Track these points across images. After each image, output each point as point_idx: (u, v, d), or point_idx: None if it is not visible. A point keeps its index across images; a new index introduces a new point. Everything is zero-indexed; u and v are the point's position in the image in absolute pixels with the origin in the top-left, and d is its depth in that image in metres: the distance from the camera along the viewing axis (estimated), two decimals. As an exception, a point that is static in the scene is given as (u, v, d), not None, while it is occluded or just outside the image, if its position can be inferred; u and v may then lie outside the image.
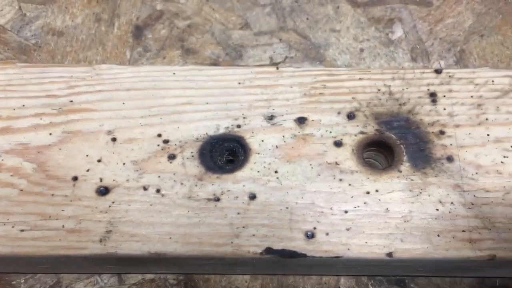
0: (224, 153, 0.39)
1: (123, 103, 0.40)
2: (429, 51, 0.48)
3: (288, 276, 0.41)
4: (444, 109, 0.40)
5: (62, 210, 0.36)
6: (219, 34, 0.51)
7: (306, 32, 0.51)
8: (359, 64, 0.48)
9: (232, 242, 0.36)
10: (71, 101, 0.40)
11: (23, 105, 0.40)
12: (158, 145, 0.39)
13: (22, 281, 0.41)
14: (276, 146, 0.39)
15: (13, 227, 0.36)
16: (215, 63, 0.49)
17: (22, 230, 0.36)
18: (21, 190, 0.37)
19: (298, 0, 0.52)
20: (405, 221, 0.36)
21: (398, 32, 0.49)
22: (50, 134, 0.39)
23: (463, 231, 0.36)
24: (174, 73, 0.41)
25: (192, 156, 0.38)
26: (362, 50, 0.50)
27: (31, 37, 0.51)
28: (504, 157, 0.38)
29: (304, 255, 0.35)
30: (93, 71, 0.41)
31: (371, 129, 0.39)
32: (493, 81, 0.41)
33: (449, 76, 0.41)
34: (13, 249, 0.35)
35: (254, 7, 0.53)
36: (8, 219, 0.36)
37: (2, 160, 0.38)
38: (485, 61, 0.47)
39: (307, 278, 0.41)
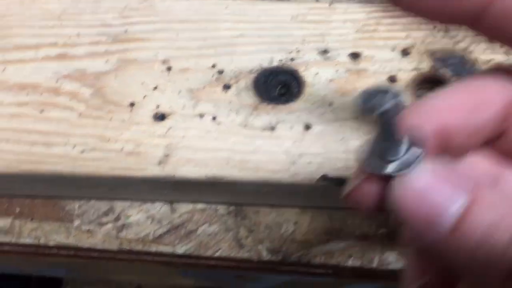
0: (278, 85, 0.39)
1: (177, 34, 0.40)
2: None
3: (337, 211, 0.42)
4: (501, 47, 0.40)
5: (121, 134, 0.37)
6: None
7: None
8: None
9: (288, 169, 0.36)
10: (126, 30, 0.41)
11: (78, 34, 0.40)
12: (213, 75, 0.39)
13: (76, 206, 0.42)
14: (330, 79, 0.39)
15: (73, 148, 0.37)
16: None
17: (83, 151, 0.36)
18: (80, 113, 0.38)
19: None
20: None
21: None
22: (106, 61, 0.39)
23: None
24: (226, 7, 0.41)
25: (247, 86, 0.39)
26: None
27: None
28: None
29: (359, 183, 0.36)
30: (146, 2, 0.41)
31: (425, 66, 0.39)
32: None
33: (504, 16, 0.41)
34: (74, 168, 0.36)
35: None
36: (68, 140, 0.37)
37: (61, 84, 0.39)
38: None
39: (356, 213, 0.42)
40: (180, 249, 0.41)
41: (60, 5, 0.41)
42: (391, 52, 0.40)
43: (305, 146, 0.37)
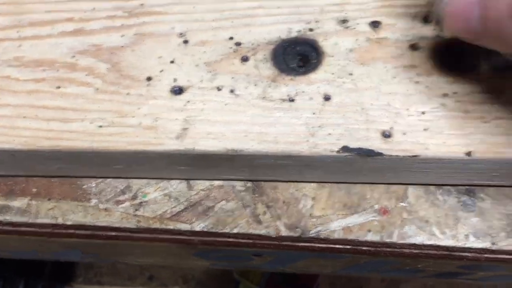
0: (296, 56, 0.39)
1: (194, 7, 0.40)
2: None
3: (355, 185, 0.41)
4: None
5: (138, 108, 0.37)
6: None
7: None
8: None
9: (308, 141, 0.35)
10: (142, 4, 0.40)
11: (94, 8, 0.40)
12: (230, 48, 0.39)
13: (93, 185, 0.42)
14: (350, 49, 0.38)
15: (91, 123, 0.36)
16: None
17: (100, 126, 0.36)
18: (97, 88, 0.37)
19: None
20: (485, 122, 0.35)
21: None
22: (122, 36, 0.39)
23: (545, 132, 0.35)
24: (243, -22, 0.41)
25: (265, 58, 0.38)
26: None
27: None
28: None
29: (381, 154, 0.35)
30: (162, -25, 0.41)
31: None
32: None
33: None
34: (92, 143, 0.36)
35: None
36: (85, 116, 0.36)
37: (77, 60, 0.38)
38: None
39: (374, 187, 0.41)
40: (198, 226, 0.41)
41: (75, -20, 0.41)
42: (412, 20, 0.39)
43: (325, 117, 0.36)
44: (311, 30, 0.39)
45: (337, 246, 0.41)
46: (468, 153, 0.35)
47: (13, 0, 0.40)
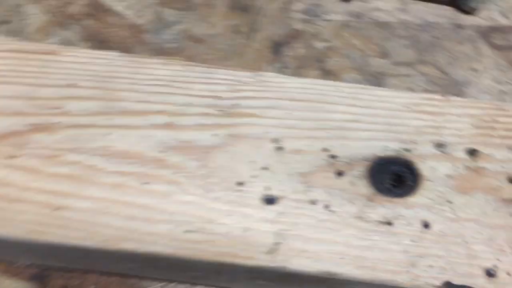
0: (392, 176, 0.37)
1: (289, 113, 0.39)
2: None
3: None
4: None
5: (228, 215, 0.35)
6: (357, 60, 0.50)
7: (445, 68, 0.50)
8: None
9: (408, 271, 0.33)
10: (236, 104, 0.39)
11: (187, 103, 0.39)
12: (325, 160, 0.37)
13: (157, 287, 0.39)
14: (449, 175, 0.37)
15: (176, 227, 0.34)
16: None
17: (186, 231, 0.34)
18: (185, 189, 0.36)
19: (436, 35, 0.51)
20: None
21: None
22: (215, 135, 0.38)
23: None
24: (338, 89, 0.40)
25: (361, 175, 0.37)
26: (503, 92, 0.49)
27: (171, 40, 0.50)
28: None
29: (485, 294, 0.33)
30: (258, 77, 0.40)
31: (547, 168, 0.37)
32: None
33: None
34: (177, 250, 0.34)
35: (391, 37, 0.52)
36: (171, 218, 0.34)
37: (166, 155, 0.37)
38: None
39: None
40: None
41: (171, 71, 0.40)
42: (509, 151, 0.38)
43: (425, 246, 0.34)
44: (407, 150, 0.38)
45: None
46: None
47: (105, 86, 0.39)
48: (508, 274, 0.34)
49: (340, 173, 0.37)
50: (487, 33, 0.51)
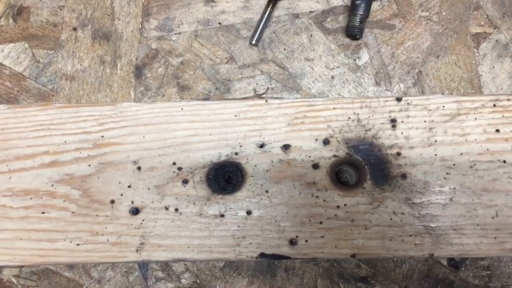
0: (225, 176, 0.50)
1: (143, 137, 0.50)
2: (391, 74, 0.56)
3: (276, 278, 0.54)
4: (402, 133, 0.49)
5: (106, 228, 0.48)
6: (208, 70, 0.59)
7: (284, 63, 0.59)
8: (330, 92, 0.56)
9: (234, 250, 0.48)
10: (102, 136, 0.50)
11: (65, 141, 0.50)
12: (174, 172, 0.50)
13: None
14: (266, 170, 0.49)
15: (70, 242, 0.48)
16: (207, 98, 0.58)
17: (78, 244, 0.48)
18: (73, 212, 0.49)
19: (276, 31, 0.58)
20: (365, 229, 0.47)
21: (364, 57, 0.57)
22: (89, 165, 0.50)
23: (410, 235, 0.47)
24: (182, 108, 0.51)
25: (201, 180, 0.49)
26: (333, 77, 0.58)
27: (48, 83, 0.59)
28: (447, 173, 0.48)
29: (289, 258, 0.47)
30: (117, 109, 0.51)
31: (342, 152, 0.49)
32: (443, 106, 0.50)
33: (408, 103, 0.50)
34: (72, 259, 0.48)
35: (237, 40, 0.60)
36: (66, 236, 0.48)
37: (55, 188, 0.49)
38: (439, 81, 0.55)
39: (292, 281, 0.54)
40: None
41: (48, 116, 0.51)
42: (315, 142, 0.50)
43: (247, 229, 0.48)
44: (236, 154, 0.50)
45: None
46: (353, 255, 0.47)
47: (1, 137, 0.50)
48: (306, 241, 0.48)
49: (185, 181, 0.49)
50: (320, 18, 0.58)
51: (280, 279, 0.52)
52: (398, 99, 0.50)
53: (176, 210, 0.49)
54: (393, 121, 0.50)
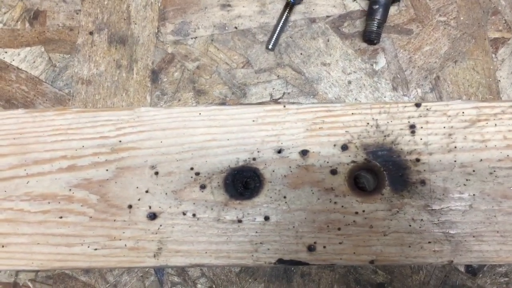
0: (243, 181, 0.50)
1: (161, 141, 0.50)
2: (408, 79, 0.56)
3: (292, 284, 0.53)
4: (421, 139, 0.49)
5: (123, 232, 0.48)
6: (224, 74, 0.59)
7: (300, 68, 0.59)
8: (347, 97, 0.56)
9: (252, 255, 0.47)
10: (120, 141, 0.50)
11: (83, 146, 0.50)
12: (191, 177, 0.49)
13: None
14: (284, 175, 0.49)
15: (88, 247, 0.48)
16: (223, 102, 0.57)
17: (95, 249, 0.48)
18: (91, 217, 0.49)
19: (292, 35, 0.58)
20: (384, 235, 0.47)
21: (381, 62, 0.57)
22: (107, 170, 0.50)
23: (429, 242, 0.47)
24: (200, 113, 0.51)
25: (219, 185, 0.49)
26: (350, 82, 0.58)
27: (64, 87, 0.59)
28: (467, 180, 0.48)
29: (307, 264, 0.47)
30: (135, 114, 0.51)
31: (360, 158, 0.49)
32: (463, 112, 0.49)
33: (427, 109, 0.50)
34: (90, 264, 0.48)
35: (253, 44, 0.60)
36: (84, 241, 0.48)
37: (73, 193, 0.49)
38: (457, 87, 0.54)
39: (308, 287, 0.53)
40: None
41: (65, 120, 0.51)
42: (333, 148, 0.49)
43: (265, 235, 0.48)
44: (254, 159, 0.50)
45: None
46: (371, 261, 0.47)
47: (17, 142, 0.51)
48: (324, 247, 0.47)
49: (203, 186, 0.49)
50: (337, 22, 0.58)
51: (296, 284, 0.52)
52: (417, 105, 0.50)
53: (194, 215, 0.48)
54: (412, 127, 0.49)
